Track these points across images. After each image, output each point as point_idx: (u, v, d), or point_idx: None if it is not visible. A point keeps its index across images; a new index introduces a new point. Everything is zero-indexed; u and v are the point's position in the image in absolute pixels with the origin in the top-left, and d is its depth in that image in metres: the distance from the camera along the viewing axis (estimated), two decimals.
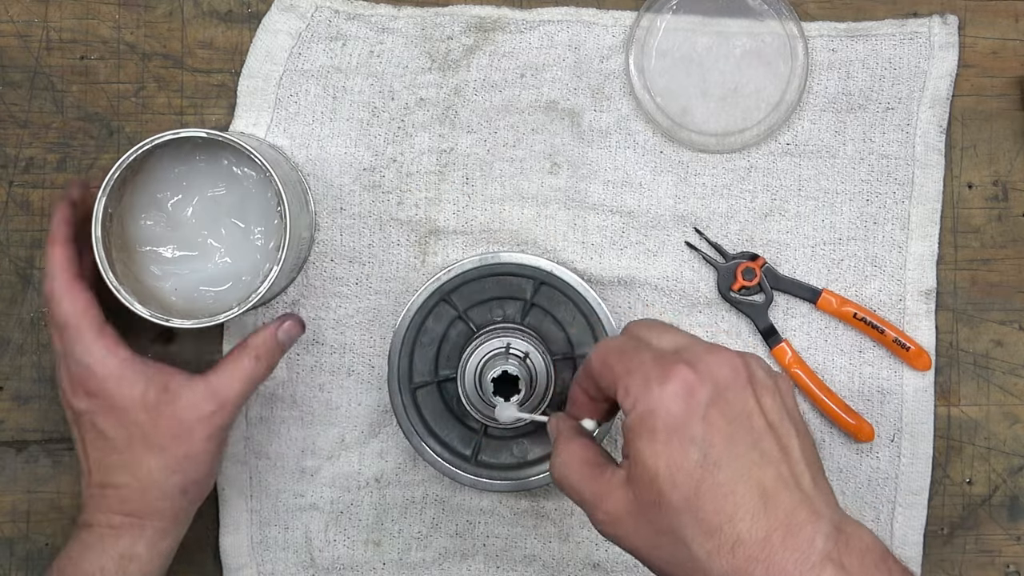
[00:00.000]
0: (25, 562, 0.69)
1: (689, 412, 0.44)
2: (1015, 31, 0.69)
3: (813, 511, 0.43)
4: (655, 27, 0.68)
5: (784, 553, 0.42)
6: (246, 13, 0.69)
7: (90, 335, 0.57)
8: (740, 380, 0.45)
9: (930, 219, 0.68)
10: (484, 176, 0.68)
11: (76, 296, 0.58)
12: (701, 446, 0.43)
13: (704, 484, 0.43)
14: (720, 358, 0.45)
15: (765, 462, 0.44)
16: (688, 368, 0.44)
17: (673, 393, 0.44)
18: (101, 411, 0.57)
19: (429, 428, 0.65)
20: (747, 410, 0.45)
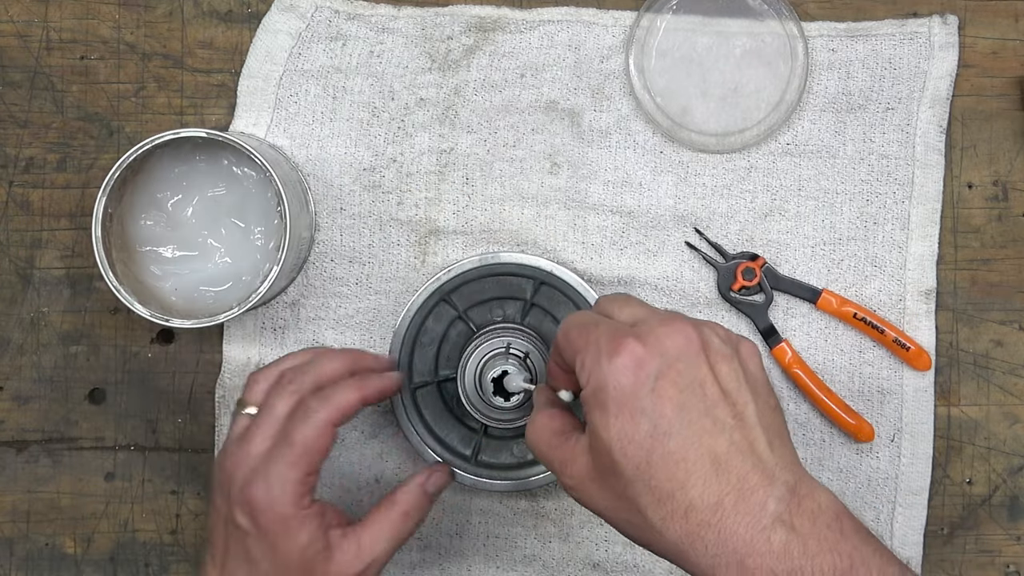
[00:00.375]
0: (25, 562, 0.69)
1: (637, 384, 0.45)
2: (1015, 31, 0.69)
3: (766, 475, 0.44)
4: (655, 27, 0.68)
5: (735, 517, 0.43)
6: (246, 13, 0.69)
7: (295, 474, 0.54)
8: (692, 349, 0.46)
9: (930, 219, 0.68)
10: (484, 176, 0.68)
11: (324, 433, 0.54)
12: (651, 417, 0.44)
13: (655, 454, 0.44)
14: (672, 328, 0.46)
15: (717, 429, 0.45)
16: (637, 341, 0.45)
17: (622, 366, 0.45)
18: (259, 540, 0.54)
19: (429, 428, 0.65)
20: (699, 379, 0.45)
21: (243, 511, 0.54)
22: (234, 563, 0.55)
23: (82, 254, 0.69)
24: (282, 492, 0.53)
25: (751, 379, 0.47)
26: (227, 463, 0.56)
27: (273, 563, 0.54)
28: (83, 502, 0.69)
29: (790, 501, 0.44)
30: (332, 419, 0.55)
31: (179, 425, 0.69)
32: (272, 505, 0.53)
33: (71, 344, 0.69)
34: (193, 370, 0.69)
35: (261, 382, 0.58)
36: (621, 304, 0.50)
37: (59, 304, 0.69)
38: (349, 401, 0.56)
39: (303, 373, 0.57)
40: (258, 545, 0.54)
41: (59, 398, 0.69)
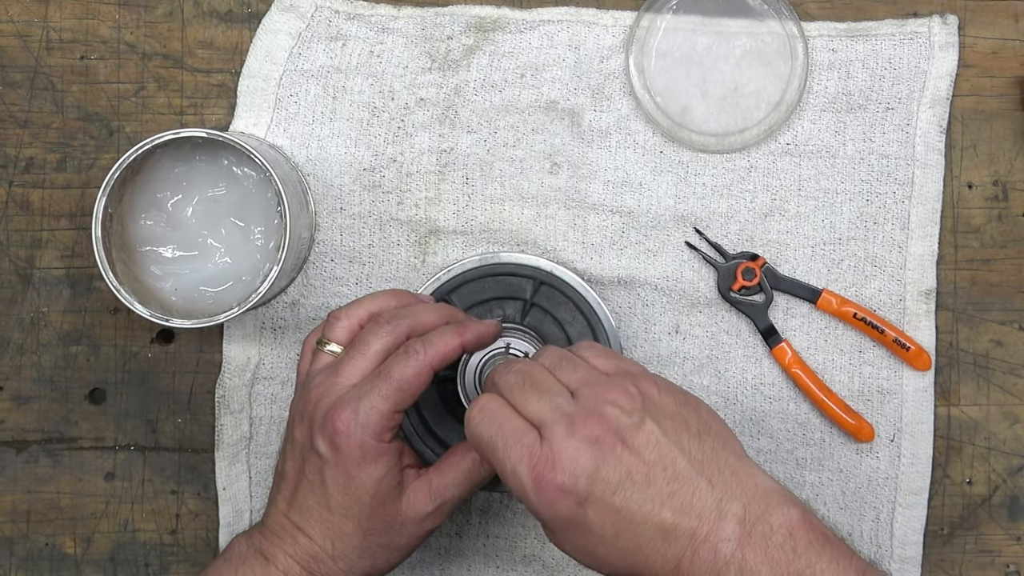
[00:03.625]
0: (25, 562, 0.69)
1: (572, 512, 0.47)
2: (1015, 31, 0.69)
3: (715, 518, 0.46)
4: (655, 27, 0.68)
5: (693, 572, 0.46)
6: (246, 13, 0.69)
7: (387, 406, 0.54)
8: (607, 449, 0.47)
9: (930, 219, 0.68)
10: (484, 176, 0.68)
11: (423, 374, 0.55)
12: (595, 531, 0.47)
13: (611, 554, 0.47)
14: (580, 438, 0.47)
15: (658, 505, 0.46)
16: (554, 472, 0.46)
17: (551, 503, 0.47)
18: (336, 467, 0.55)
19: (429, 428, 0.65)
20: (625, 472, 0.47)
21: (325, 437, 0.54)
22: (306, 490, 0.56)
23: (82, 254, 0.69)
24: (367, 421, 0.54)
25: (668, 428, 0.48)
26: (313, 393, 0.56)
27: (347, 493, 0.55)
28: (83, 502, 0.69)
29: (740, 535, 0.46)
30: (432, 361, 0.55)
31: (179, 425, 0.69)
32: (356, 432, 0.54)
33: (71, 344, 0.69)
34: (193, 370, 0.69)
35: (343, 319, 0.58)
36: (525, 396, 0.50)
37: (59, 304, 0.69)
38: (450, 345, 0.56)
39: (400, 317, 0.57)
40: (334, 473, 0.55)
41: (59, 398, 0.69)
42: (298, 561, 0.55)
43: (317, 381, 0.56)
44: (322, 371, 0.57)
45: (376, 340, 0.56)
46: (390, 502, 0.55)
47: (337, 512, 0.55)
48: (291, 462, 0.57)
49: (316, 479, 0.55)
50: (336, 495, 0.55)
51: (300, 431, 0.56)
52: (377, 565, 0.57)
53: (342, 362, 0.56)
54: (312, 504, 0.55)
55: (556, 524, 0.48)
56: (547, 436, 0.48)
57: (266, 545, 0.56)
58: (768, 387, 0.68)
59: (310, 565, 0.55)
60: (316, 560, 0.55)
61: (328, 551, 0.55)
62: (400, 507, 0.56)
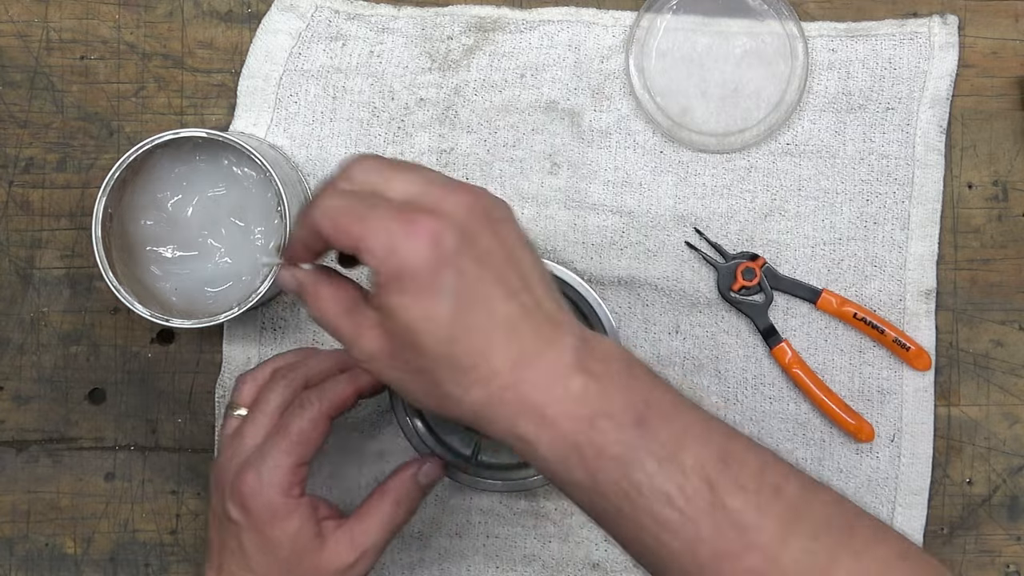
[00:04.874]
0: (25, 562, 0.69)
1: (438, 263, 0.44)
2: (1015, 31, 0.69)
3: (558, 328, 0.45)
4: (655, 27, 0.68)
5: (534, 373, 0.44)
6: (246, 13, 0.69)
7: (288, 462, 0.54)
8: (479, 219, 0.45)
9: (930, 219, 0.68)
10: (484, 176, 0.68)
11: (320, 424, 0.55)
12: (451, 294, 0.44)
13: (456, 328, 0.44)
14: (458, 199, 0.45)
15: (509, 295, 0.45)
16: (430, 218, 0.44)
17: (419, 246, 0.44)
18: (251, 531, 0.54)
19: (429, 428, 0.65)
20: (489, 248, 0.45)
21: (235, 502, 0.54)
22: (228, 558, 0.55)
23: (82, 254, 0.69)
24: (271, 480, 0.54)
25: (521, 238, 0.47)
26: (221, 459, 0.56)
27: (265, 553, 0.54)
28: (83, 502, 0.69)
29: (583, 349, 0.45)
30: (327, 411, 0.55)
31: (179, 425, 0.69)
32: (262, 492, 0.54)
33: (71, 344, 0.69)
34: (193, 370, 0.69)
35: (249, 383, 0.59)
36: (387, 177, 0.47)
37: (59, 304, 0.69)
38: (344, 393, 0.56)
39: (295, 370, 0.58)
40: (250, 536, 0.54)
41: (59, 398, 0.69)
42: None
43: (224, 446, 0.57)
44: (229, 436, 0.58)
45: (274, 396, 0.57)
46: (310, 556, 0.55)
47: (258, 571, 0.55)
48: (213, 531, 0.57)
49: (235, 545, 0.55)
50: (255, 557, 0.55)
51: (216, 499, 0.57)
52: None
53: (244, 424, 0.57)
54: (236, 570, 0.55)
55: (415, 275, 0.44)
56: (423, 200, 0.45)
57: None
58: (768, 387, 0.68)
59: None
60: None
61: None
62: (322, 561, 0.55)
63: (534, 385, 0.44)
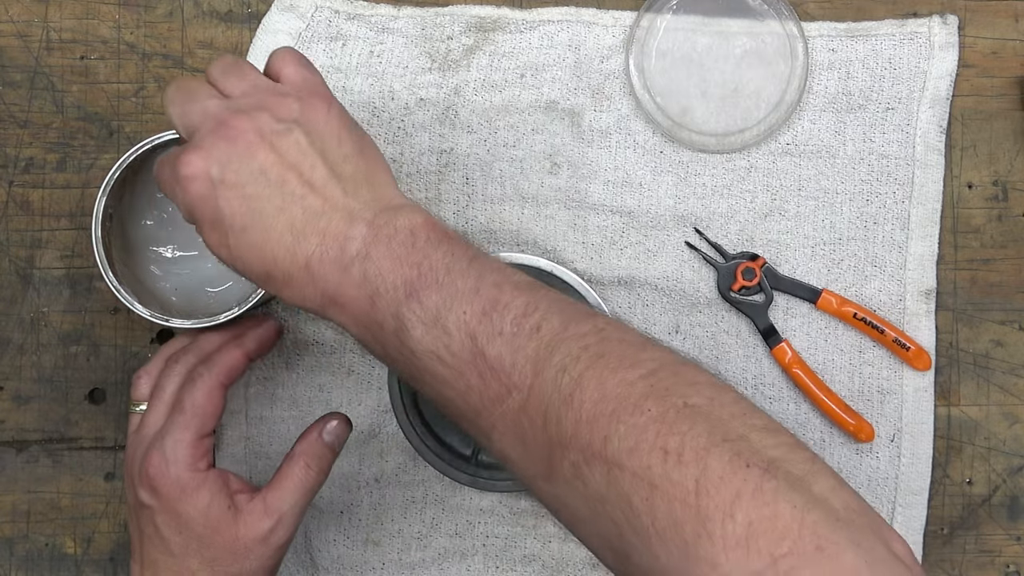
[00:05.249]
0: (25, 562, 0.69)
1: (204, 197, 0.48)
2: (1015, 31, 0.69)
3: (346, 221, 0.48)
4: (655, 27, 0.68)
5: (323, 268, 0.48)
6: (246, 13, 0.69)
7: (188, 436, 0.55)
8: (245, 144, 0.48)
9: (930, 219, 0.68)
10: (484, 176, 0.68)
11: (214, 393, 0.57)
12: (226, 220, 0.48)
13: (241, 249, 0.48)
14: (221, 134, 0.48)
15: (289, 203, 0.48)
16: (191, 155, 0.48)
17: (187, 186, 0.48)
18: (163, 512, 0.55)
19: (429, 428, 0.65)
20: (259, 166, 0.48)
21: (144, 486, 0.55)
22: (148, 547, 0.56)
23: (82, 254, 0.69)
24: (175, 456, 0.55)
25: (317, 141, 0.49)
26: (127, 454, 0.58)
27: (180, 531, 0.55)
28: (83, 502, 0.69)
29: (367, 235, 0.48)
30: (219, 380, 0.57)
31: None
32: (168, 470, 0.55)
33: (71, 344, 0.69)
34: None
35: (144, 377, 0.61)
36: (177, 114, 0.51)
37: (59, 304, 0.69)
38: (234, 358, 0.58)
39: (186, 353, 0.59)
40: (164, 518, 0.55)
41: (59, 398, 0.69)
42: None
43: (130, 442, 0.58)
44: (133, 431, 0.59)
45: (169, 382, 0.58)
46: (226, 528, 0.55)
47: (179, 553, 0.55)
48: (132, 526, 0.58)
49: (151, 531, 0.56)
50: (171, 537, 0.55)
51: (129, 493, 0.57)
52: None
53: (145, 415, 0.58)
54: (156, 555, 0.56)
55: (196, 213, 0.49)
56: (194, 137, 0.49)
57: None
58: (768, 387, 0.68)
59: None
60: None
61: None
62: (239, 531, 0.55)
63: (327, 280, 0.48)
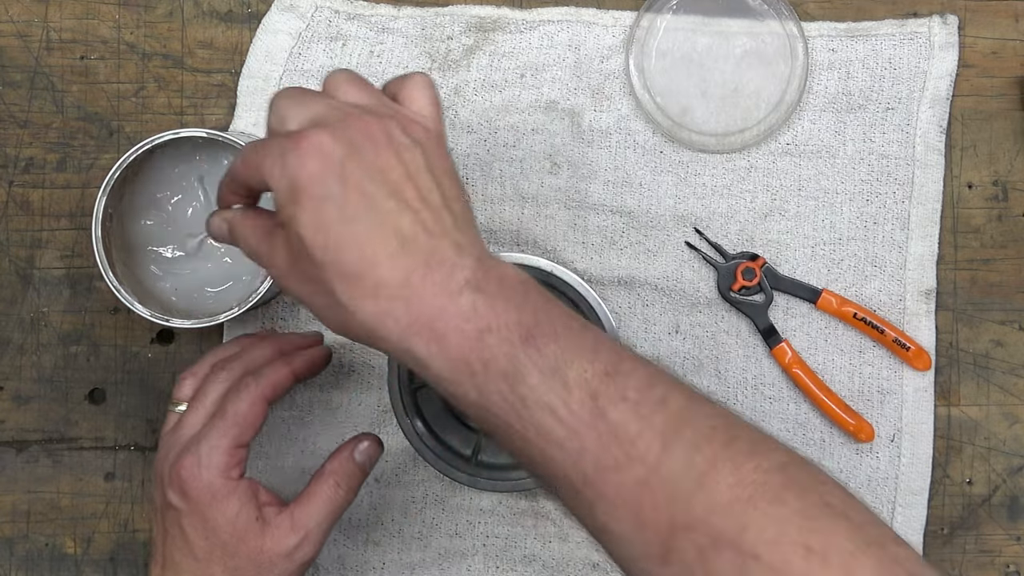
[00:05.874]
0: (25, 562, 0.69)
1: (324, 171, 0.44)
2: (1015, 31, 0.69)
3: (455, 249, 0.45)
4: (655, 27, 0.68)
5: (424, 287, 0.44)
6: (246, 13, 0.69)
7: (225, 443, 0.55)
8: (374, 140, 0.45)
9: (930, 219, 0.68)
10: (484, 176, 0.68)
11: (257, 405, 0.56)
12: (337, 202, 0.44)
13: (343, 238, 0.44)
14: (352, 122, 0.46)
15: (402, 209, 0.45)
16: (321, 131, 0.45)
17: (307, 156, 0.44)
18: (191, 515, 0.55)
19: (429, 428, 0.65)
20: (382, 165, 0.45)
21: (174, 488, 0.55)
22: (171, 548, 0.56)
23: (82, 254, 0.69)
24: (209, 461, 0.54)
25: (435, 171, 0.47)
26: (160, 453, 0.57)
27: (206, 536, 0.55)
28: (83, 502, 0.69)
29: (477, 269, 0.45)
30: (264, 393, 0.56)
31: None
32: (202, 474, 0.54)
33: (71, 344, 0.69)
34: None
35: (190, 378, 0.60)
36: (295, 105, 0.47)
37: (59, 304, 0.69)
38: (280, 375, 0.57)
39: (233, 361, 0.59)
40: (191, 521, 0.55)
41: (59, 398, 0.69)
42: None
43: (164, 441, 0.58)
44: (169, 431, 0.58)
45: (213, 387, 0.58)
46: (252, 539, 0.55)
47: (203, 558, 0.55)
48: (156, 526, 0.57)
49: (176, 532, 0.55)
50: (197, 541, 0.55)
51: (156, 493, 0.57)
52: None
53: (184, 416, 0.58)
54: (179, 558, 0.55)
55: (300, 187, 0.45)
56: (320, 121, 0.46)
57: None
58: (768, 387, 0.68)
59: None
60: None
61: None
62: (264, 544, 0.55)
63: (424, 300, 0.44)
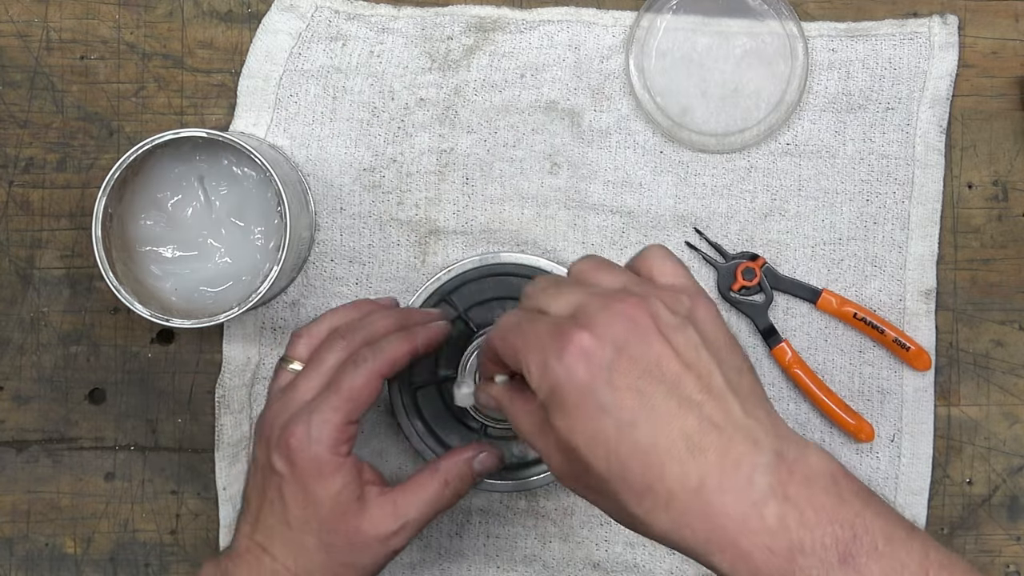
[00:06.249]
0: (25, 562, 0.69)
1: (592, 379, 0.42)
2: (1015, 31, 0.69)
3: (749, 444, 0.41)
4: (655, 27, 0.68)
5: (722, 496, 0.40)
6: (246, 13, 0.69)
7: (337, 418, 0.54)
8: (642, 329, 0.42)
9: (930, 219, 0.68)
10: (484, 176, 0.68)
11: (372, 382, 0.55)
12: (612, 411, 0.41)
13: (623, 448, 0.41)
14: (615, 310, 0.43)
15: (685, 408, 0.41)
16: (583, 332, 0.42)
17: (572, 363, 0.42)
18: (293, 483, 0.54)
19: (429, 428, 0.65)
20: (655, 359, 0.42)
21: (281, 454, 0.54)
22: (267, 511, 0.55)
23: (82, 254, 0.69)
24: (320, 434, 0.54)
25: (712, 344, 0.43)
26: (270, 411, 0.56)
27: (305, 509, 0.54)
28: (83, 502, 0.69)
29: (779, 468, 0.41)
30: (381, 369, 0.55)
31: (179, 425, 0.69)
32: (309, 445, 0.54)
33: (71, 344, 0.69)
34: (193, 370, 0.69)
35: (305, 337, 0.59)
36: (554, 293, 0.46)
37: (59, 304, 0.69)
38: (399, 351, 0.56)
39: (354, 330, 0.58)
40: (292, 490, 0.54)
41: (59, 398, 0.69)
42: None
43: (275, 399, 0.57)
44: (281, 389, 0.58)
45: (331, 355, 0.57)
46: (351, 517, 0.55)
47: (297, 527, 0.54)
48: (253, 483, 0.57)
49: (275, 496, 0.55)
50: (295, 510, 0.54)
51: (260, 451, 0.56)
52: None
53: (298, 378, 0.57)
54: (273, 522, 0.55)
55: (570, 396, 0.42)
56: (579, 314, 0.43)
57: (231, 568, 0.56)
58: (768, 387, 0.68)
59: None
60: None
61: (291, 568, 0.55)
62: (362, 524, 0.55)
63: (723, 511, 0.40)
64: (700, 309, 0.45)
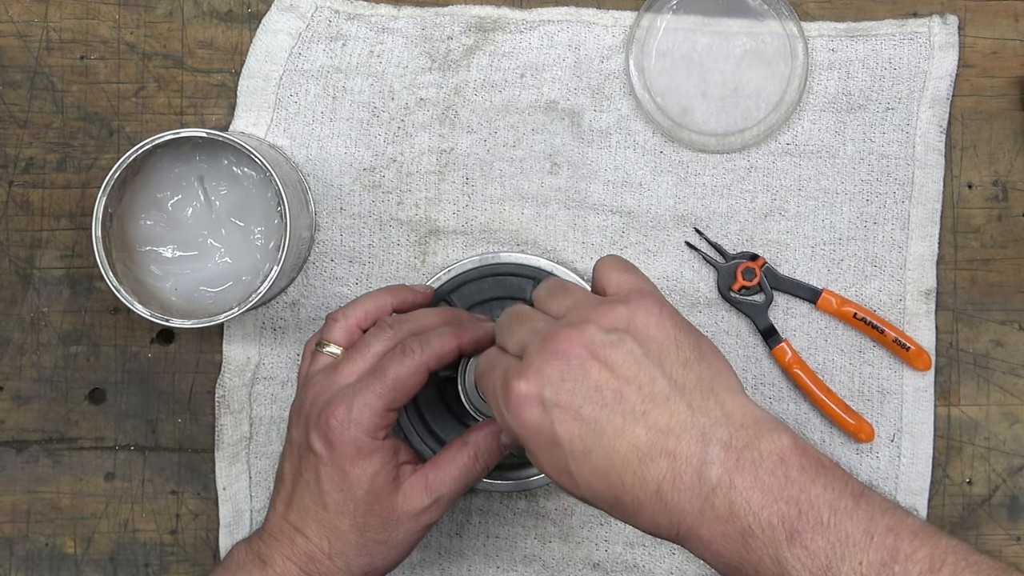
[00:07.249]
0: (25, 562, 0.69)
1: (538, 421, 0.45)
2: (1015, 31, 0.69)
3: (698, 440, 0.44)
4: (655, 27, 0.68)
5: (678, 496, 0.44)
6: (246, 13, 0.69)
7: (379, 404, 0.55)
8: (576, 361, 0.45)
9: (930, 219, 0.68)
10: (484, 176, 0.68)
11: (418, 373, 0.55)
12: (564, 445, 0.45)
13: (584, 473, 0.45)
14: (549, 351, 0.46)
15: (630, 422, 0.44)
16: (519, 380, 0.46)
17: (516, 412, 0.46)
18: (331, 464, 0.55)
19: (429, 428, 0.65)
20: (593, 385, 0.45)
21: (319, 434, 0.55)
22: (303, 490, 0.56)
23: (82, 254, 0.69)
24: (360, 418, 0.54)
25: (653, 348, 0.46)
26: (309, 392, 0.57)
27: (342, 490, 0.55)
28: (83, 502, 0.69)
29: (727, 459, 0.43)
30: (428, 361, 0.56)
31: (179, 425, 0.69)
32: (350, 429, 0.54)
33: (71, 344, 0.69)
34: (193, 370, 0.69)
35: (341, 321, 0.59)
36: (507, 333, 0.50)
37: (59, 304, 0.69)
38: (447, 346, 0.57)
39: (403, 321, 0.58)
40: (328, 470, 0.55)
41: (59, 398, 0.69)
42: (295, 562, 0.55)
43: (315, 381, 0.57)
44: (320, 371, 0.58)
45: (377, 343, 0.57)
46: (386, 497, 0.55)
47: (333, 509, 0.55)
48: (288, 463, 0.57)
49: (312, 477, 0.55)
50: (331, 492, 0.55)
51: (297, 431, 0.57)
52: (375, 563, 0.56)
53: (341, 362, 0.57)
54: (309, 503, 0.55)
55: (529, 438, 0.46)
56: (524, 356, 0.47)
57: (264, 549, 0.56)
58: (768, 387, 0.68)
59: (307, 566, 0.55)
60: (313, 560, 0.55)
61: (325, 550, 0.55)
62: (396, 502, 0.56)
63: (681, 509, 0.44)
64: (639, 314, 0.47)
